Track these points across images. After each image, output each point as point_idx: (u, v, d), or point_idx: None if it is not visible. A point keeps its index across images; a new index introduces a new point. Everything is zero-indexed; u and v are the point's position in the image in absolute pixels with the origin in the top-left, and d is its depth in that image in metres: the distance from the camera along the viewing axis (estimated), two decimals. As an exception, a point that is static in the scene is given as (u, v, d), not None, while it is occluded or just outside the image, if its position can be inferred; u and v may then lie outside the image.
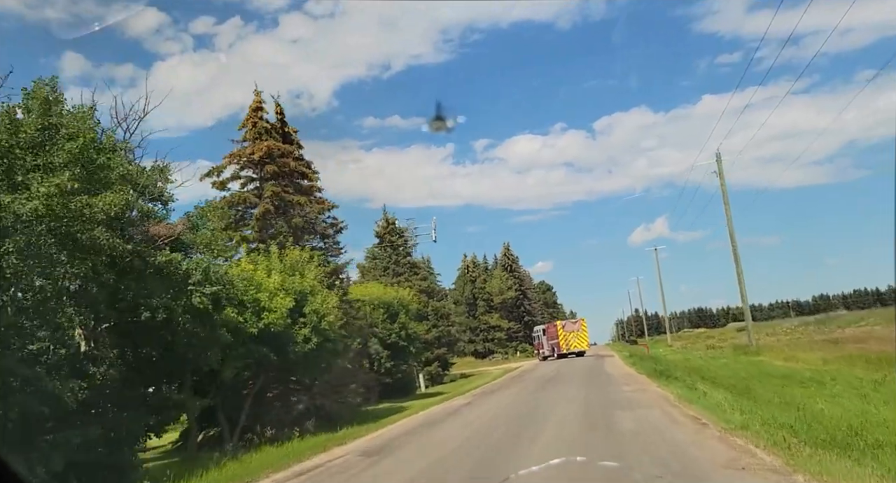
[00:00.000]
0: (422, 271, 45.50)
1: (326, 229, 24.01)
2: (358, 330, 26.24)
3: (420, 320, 43.13)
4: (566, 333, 54.23)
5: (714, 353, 45.08)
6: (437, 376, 42.40)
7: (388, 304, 33.54)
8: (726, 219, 38.74)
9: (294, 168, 23.50)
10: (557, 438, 10.46)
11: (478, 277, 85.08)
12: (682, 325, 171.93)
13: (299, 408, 22.71)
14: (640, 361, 31.65)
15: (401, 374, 33.80)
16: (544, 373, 32.93)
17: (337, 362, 26.18)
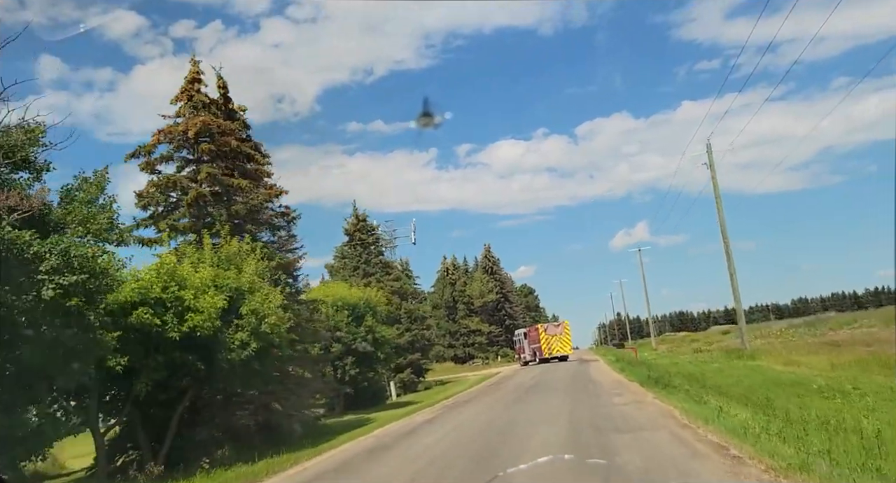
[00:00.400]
0: (394, 271, 42.32)
1: (273, 218, 20.71)
2: (312, 334, 22.96)
3: (391, 323, 39.90)
4: (548, 337, 51.24)
5: (704, 356, 42.32)
6: (411, 384, 39.17)
7: (354, 305, 30.32)
8: (717, 213, 36.01)
9: (237, 148, 20.22)
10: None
11: (458, 280, 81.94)
12: (664, 329, 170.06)
13: (241, 424, 19.46)
14: (628, 367, 28.69)
15: (367, 383, 30.54)
16: (524, 380, 29.87)
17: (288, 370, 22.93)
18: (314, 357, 28.33)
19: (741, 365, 29.88)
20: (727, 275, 35.57)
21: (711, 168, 36.25)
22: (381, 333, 30.59)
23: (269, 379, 19.78)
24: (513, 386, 27.07)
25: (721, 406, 12.66)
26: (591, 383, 22.44)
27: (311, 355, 28.57)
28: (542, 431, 11.55)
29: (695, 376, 23.24)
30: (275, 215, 20.99)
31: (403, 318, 40.10)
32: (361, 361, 30.19)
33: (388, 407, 30.56)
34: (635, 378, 22.28)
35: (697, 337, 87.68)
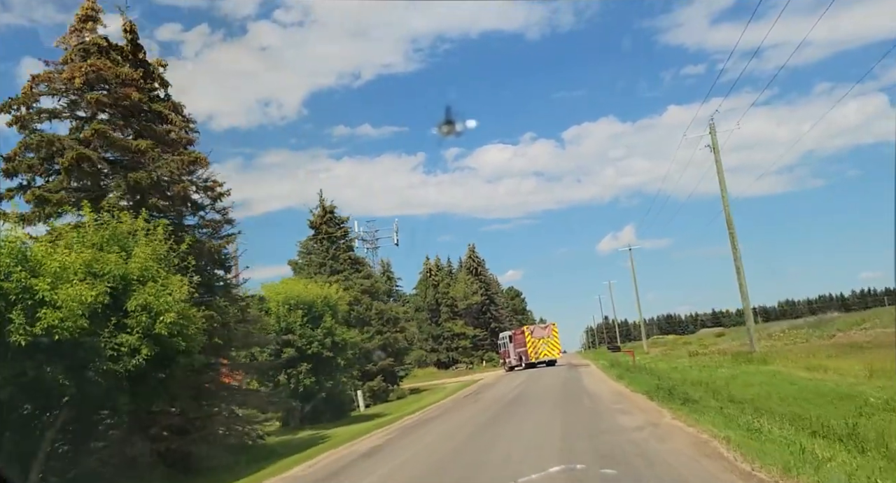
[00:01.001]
0: (365, 269, 37.92)
1: (187, 189, 16.23)
2: (244, 337, 18.49)
3: (361, 325, 35.45)
4: (535, 340, 46.96)
5: (704, 360, 38.22)
6: (382, 392, 34.69)
7: (310, 304, 25.88)
8: (722, 198, 31.96)
9: (142, 104, 15.82)
10: None
11: (441, 281, 77.54)
12: (652, 332, 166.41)
13: (140, 452, 15.03)
14: (627, 373, 24.46)
15: (326, 393, 26.05)
16: (506, 390, 25.55)
17: (216, 382, 18.49)
18: (260, 365, 23.92)
19: (755, 370, 25.75)
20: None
21: (715, 150, 32.23)
22: (342, 336, 26.14)
23: (177, 394, 15.43)
24: (492, 397, 22.74)
25: (787, 436, 8.44)
26: (587, 395, 18.11)
27: (256, 363, 24.17)
28: None
29: (709, 385, 19.05)
30: (194, 188, 16.52)
31: (374, 320, 35.67)
32: (319, 369, 25.73)
33: (351, 420, 26.18)
34: (639, 388, 18.01)
35: (690, 339, 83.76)
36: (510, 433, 11.82)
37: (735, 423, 9.97)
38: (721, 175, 32.03)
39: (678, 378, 24.16)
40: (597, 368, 34.30)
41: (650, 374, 23.82)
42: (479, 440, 11.69)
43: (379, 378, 34.37)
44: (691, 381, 21.90)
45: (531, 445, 10.09)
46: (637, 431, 10.46)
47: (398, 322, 37.07)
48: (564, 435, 10.88)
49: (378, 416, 27.09)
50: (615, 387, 20.35)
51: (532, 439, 10.72)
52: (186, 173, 17.05)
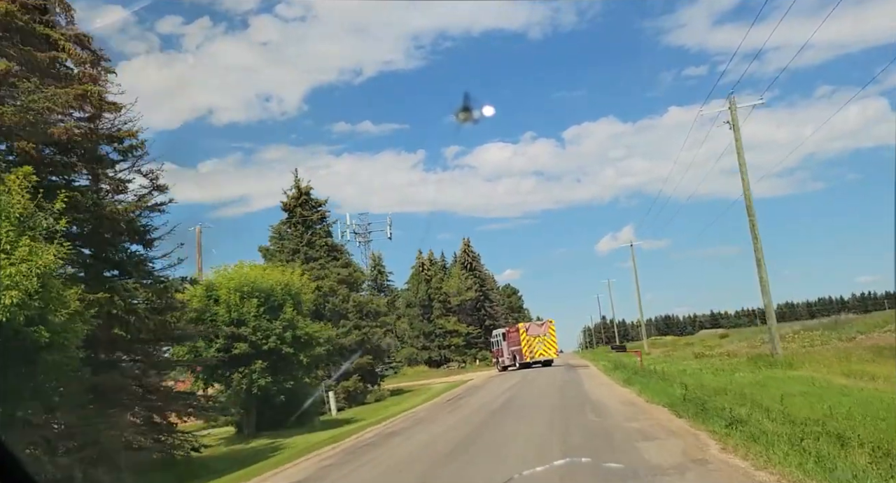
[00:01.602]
0: (344, 257, 34.02)
1: (73, 136, 12.34)
2: (161, 327, 14.58)
3: (336, 319, 31.58)
4: (530, 338, 43.09)
5: (714, 363, 34.39)
6: (359, 394, 30.82)
7: (268, 292, 22.01)
8: (742, 181, 28.05)
9: (12, 19, 11.94)
10: None
11: (434, 276, 73.67)
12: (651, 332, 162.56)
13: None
14: (635, 378, 20.58)
15: (286, 395, 22.16)
16: (494, 395, 21.68)
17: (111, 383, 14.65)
18: (200, 362, 20.05)
19: (783, 376, 21.84)
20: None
21: (735, 128, 28.31)
22: (306, 330, 22.25)
23: (52, 400, 11.66)
24: (476, 404, 18.87)
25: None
26: (591, 406, 14.19)
27: (200, 359, 20.29)
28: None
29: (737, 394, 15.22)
30: (83, 134, 12.59)
31: (352, 313, 31.79)
32: (277, 367, 21.89)
33: (318, 426, 22.39)
34: (656, 397, 14.15)
35: (691, 340, 79.90)
36: (484, 471, 7.94)
37: (827, 464, 6.12)
38: (741, 158, 28.13)
39: (692, 383, 20.29)
40: (598, 370, 30.44)
41: (661, 379, 19.96)
42: (451, 464, 7.82)
43: (355, 378, 30.48)
44: (713, 388, 18.05)
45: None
46: (677, 477, 6.59)
47: (379, 316, 33.19)
48: (565, 472, 7.03)
49: (348, 422, 23.33)
50: (624, 394, 16.47)
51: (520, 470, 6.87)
52: (87, 119, 13.18)
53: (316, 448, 14.41)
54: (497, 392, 22.53)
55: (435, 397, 25.16)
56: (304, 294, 23.32)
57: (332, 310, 31.35)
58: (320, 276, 32.14)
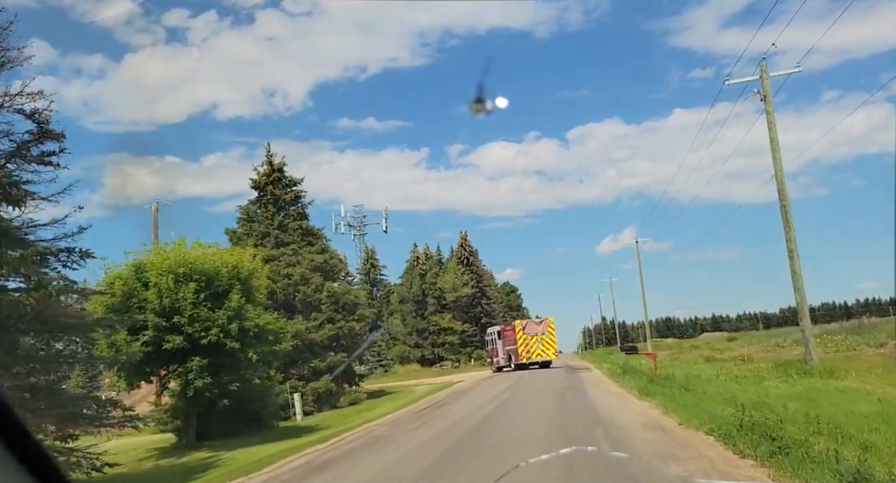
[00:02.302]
0: (320, 242, 30.10)
1: None
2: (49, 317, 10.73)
3: (308, 311, 27.72)
4: (527, 337, 39.16)
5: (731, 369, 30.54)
6: (331, 396, 26.92)
7: (210, 275, 18.11)
8: (774, 163, 24.10)
9: None
10: None
11: (429, 271, 69.77)
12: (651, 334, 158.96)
13: None
14: (652, 387, 16.60)
15: (230, 399, 18.26)
16: (480, 402, 17.77)
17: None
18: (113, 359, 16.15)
19: (828, 388, 17.94)
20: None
21: (767, 100, 24.36)
22: (256, 321, 18.34)
23: None
24: (456, 415, 14.98)
25: None
26: (603, 428, 10.22)
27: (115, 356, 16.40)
28: None
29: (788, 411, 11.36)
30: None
31: (325, 305, 27.87)
32: (220, 365, 18.02)
33: (273, 436, 18.58)
34: (692, 418, 10.25)
35: (696, 343, 75.90)
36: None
37: None
38: (773, 132, 24.16)
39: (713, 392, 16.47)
40: (602, 374, 26.51)
41: (684, 389, 16.05)
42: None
43: (326, 378, 26.58)
44: (748, 401, 14.17)
45: None
46: None
47: (356, 309, 29.29)
48: None
49: (310, 430, 19.53)
50: (644, 410, 12.55)
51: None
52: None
53: (246, 471, 10.59)
54: (484, 399, 18.63)
55: (412, 403, 21.26)
56: (257, 278, 19.38)
57: (303, 301, 27.48)
58: (291, 262, 28.29)
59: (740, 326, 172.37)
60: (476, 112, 5.55)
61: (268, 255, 27.70)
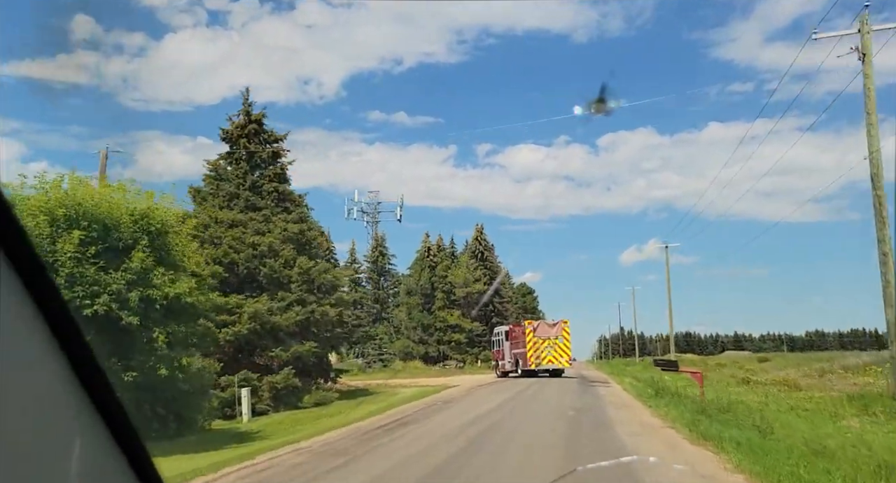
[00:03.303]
0: (299, 210, 25.12)
1: None
2: None
3: (274, 288, 22.82)
4: (538, 340, 33.77)
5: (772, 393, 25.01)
6: (292, 393, 21.93)
7: (105, 223, 13.23)
8: (868, 140, 18.53)
9: None
10: None
11: (440, 263, 64.57)
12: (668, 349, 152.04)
13: None
14: (705, 422, 11.30)
15: (128, 391, 13.37)
16: (463, 422, 12.56)
17: None
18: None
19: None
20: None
21: (866, 60, 18.77)
22: (166, 290, 13.37)
23: None
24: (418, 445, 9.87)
25: None
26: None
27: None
28: None
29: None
30: None
31: (295, 283, 22.88)
32: (117, 344, 13.11)
33: (187, 446, 13.65)
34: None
35: (722, 361, 69.40)
36: None
37: None
38: (871, 101, 18.58)
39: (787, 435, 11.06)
40: (627, 393, 21.09)
41: (758, 430, 10.69)
42: None
43: (287, 371, 21.58)
44: (852, 457, 8.85)
45: None
46: None
47: (334, 291, 24.23)
48: None
49: (243, 439, 14.74)
50: (716, 473, 7.25)
51: None
52: None
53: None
54: (466, 418, 13.46)
55: (381, 412, 16.15)
56: (176, 234, 14.38)
57: (269, 276, 22.54)
58: (261, 230, 23.37)
59: (763, 347, 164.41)
60: (596, 112, 5.66)
61: (233, 220, 22.82)
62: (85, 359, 1.09)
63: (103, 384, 1.13)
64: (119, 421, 1.16)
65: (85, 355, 1.09)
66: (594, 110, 5.72)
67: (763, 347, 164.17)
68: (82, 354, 1.09)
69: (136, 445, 1.20)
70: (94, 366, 1.11)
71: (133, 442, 1.19)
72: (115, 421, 1.15)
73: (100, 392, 1.12)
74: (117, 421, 1.15)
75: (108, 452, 1.14)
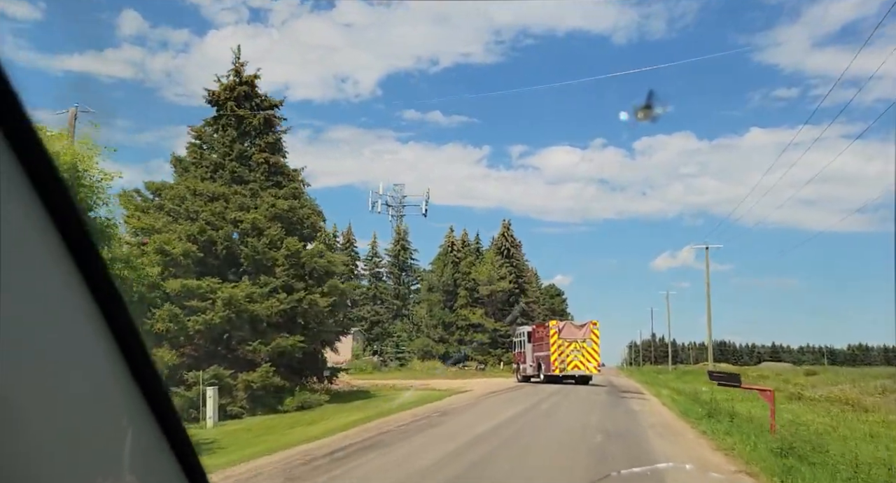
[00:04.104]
0: (292, 184, 21.91)
1: None
2: None
3: (256, 272, 19.72)
4: (563, 343, 30.01)
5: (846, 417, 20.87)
6: (273, 394, 18.71)
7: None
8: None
9: None
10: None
11: (463, 259, 61.07)
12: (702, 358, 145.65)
13: None
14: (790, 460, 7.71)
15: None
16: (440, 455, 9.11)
17: None
18: None
19: None
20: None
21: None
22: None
23: None
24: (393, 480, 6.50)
25: None
26: None
27: None
28: None
29: None
30: None
31: (282, 267, 19.68)
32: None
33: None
34: None
35: (763, 373, 64.33)
36: None
37: None
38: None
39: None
40: (666, 409, 17.23)
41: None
42: None
43: (267, 368, 18.35)
44: None
45: None
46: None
47: (328, 278, 20.92)
48: None
49: (214, 448, 11.25)
50: None
51: None
52: None
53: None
54: (462, 439, 9.97)
55: (357, 425, 12.75)
56: (85, 181, 11.13)
57: (250, 257, 19.35)
58: (245, 205, 20.24)
59: (802, 359, 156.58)
60: (641, 118, 5.17)
61: (214, 193, 19.73)
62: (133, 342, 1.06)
63: (150, 367, 1.10)
64: (164, 406, 1.14)
65: (134, 338, 1.06)
66: (640, 117, 5.22)
67: (802, 359, 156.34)
68: (131, 336, 1.06)
69: (180, 431, 1.18)
70: (140, 347, 1.09)
71: (177, 428, 1.18)
72: (160, 406, 1.13)
73: (147, 377, 1.09)
74: (163, 406, 1.13)
75: (154, 438, 1.13)
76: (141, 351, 1.07)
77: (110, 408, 1.04)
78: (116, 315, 1.01)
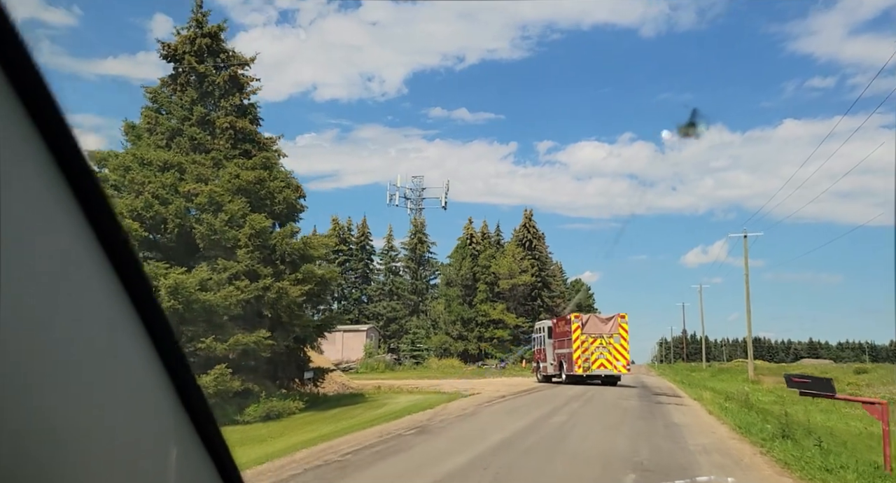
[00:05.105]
0: (264, 155, 18.50)
1: None
2: None
3: (212, 255, 16.38)
4: (587, 338, 26.18)
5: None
6: (231, 400, 15.41)
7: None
8: None
9: None
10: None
11: (483, 252, 57.37)
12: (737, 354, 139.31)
13: None
14: None
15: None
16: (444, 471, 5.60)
17: None
18: None
19: None
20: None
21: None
22: None
23: None
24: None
25: None
26: None
27: None
28: None
29: None
30: None
31: (245, 249, 16.33)
32: None
33: None
34: None
35: (804, 370, 59.31)
36: None
37: None
38: None
39: None
40: (714, 419, 13.37)
41: None
42: None
43: (220, 369, 15.00)
44: None
45: None
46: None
47: (303, 264, 17.49)
48: None
49: None
50: None
51: None
52: None
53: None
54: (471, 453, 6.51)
55: (306, 447, 9.32)
56: None
57: (206, 237, 16.01)
58: (204, 177, 16.94)
59: (842, 356, 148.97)
60: (685, 136, 5.40)
61: (167, 162, 16.46)
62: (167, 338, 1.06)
63: (182, 362, 1.10)
64: (198, 403, 1.14)
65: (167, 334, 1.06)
66: (683, 134, 5.46)
67: (841, 356, 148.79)
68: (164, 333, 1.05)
69: (213, 429, 1.18)
70: (173, 343, 1.08)
71: (211, 426, 1.17)
72: (194, 403, 1.13)
73: (181, 372, 1.09)
74: (196, 403, 1.14)
75: (187, 435, 1.13)
76: (174, 345, 1.05)
77: (147, 404, 1.03)
78: (151, 312, 0.99)
